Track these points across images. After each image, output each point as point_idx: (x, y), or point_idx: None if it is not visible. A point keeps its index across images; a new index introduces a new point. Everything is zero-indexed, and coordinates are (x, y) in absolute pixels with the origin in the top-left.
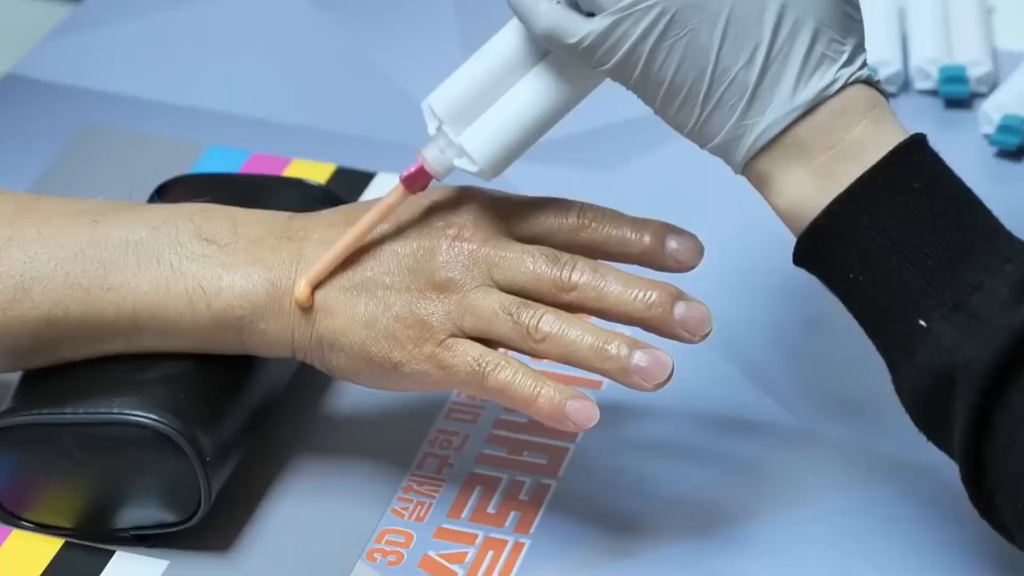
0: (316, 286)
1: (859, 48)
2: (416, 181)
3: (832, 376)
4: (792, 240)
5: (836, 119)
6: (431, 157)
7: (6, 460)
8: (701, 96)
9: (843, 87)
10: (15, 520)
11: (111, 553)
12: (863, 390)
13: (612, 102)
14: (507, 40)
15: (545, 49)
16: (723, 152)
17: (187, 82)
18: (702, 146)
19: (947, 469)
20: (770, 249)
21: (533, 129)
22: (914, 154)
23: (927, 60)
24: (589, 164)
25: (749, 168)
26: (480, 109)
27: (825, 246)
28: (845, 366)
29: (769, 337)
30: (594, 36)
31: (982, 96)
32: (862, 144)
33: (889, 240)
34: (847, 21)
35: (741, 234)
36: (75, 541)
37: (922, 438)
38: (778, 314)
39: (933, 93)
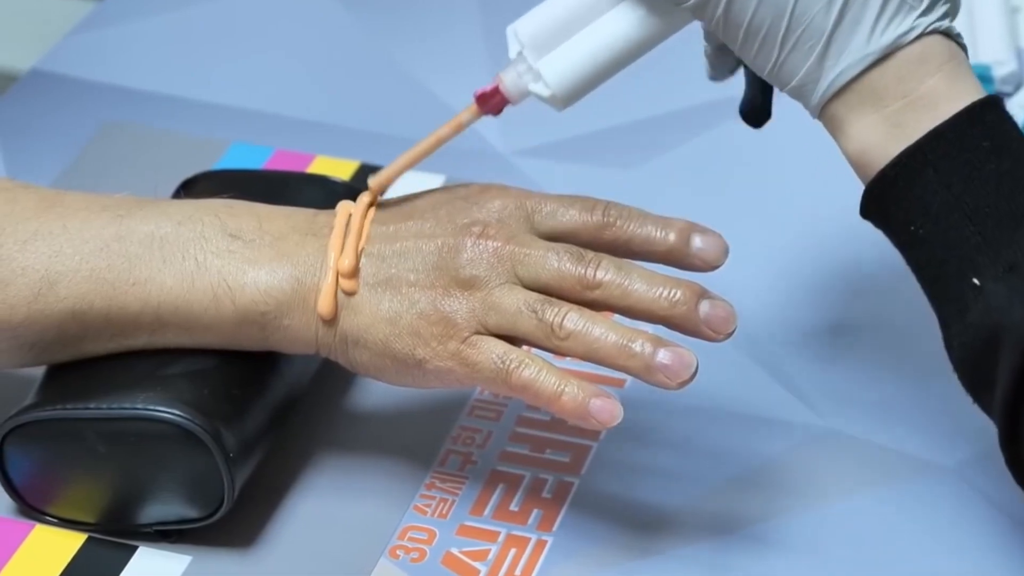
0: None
1: None
2: (490, 100)
3: (856, 375)
4: (823, 235)
5: (912, 68)
6: (508, 79)
7: (30, 455)
8: (779, 37)
9: (920, 36)
10: (39, 515)
11: (134, 548)
12: (887, 390)
13: (635, 100)
14: None
15: None
16: (799, 95)
17: (211, 78)
18: (780, 88)
19: (970, 470)
20: (796, 248)
21: (610, 63)
22: (987, 113)
23: None
24: (613, 162)
25: (824, 112)
26: (562, 39)
27: (890, 196)
28: (869, 365)
29: (793, 336)
30: None
31: (1007, 95)
32: (936, 96)
33: (953, 195)
34: None
35: (766, 232)
36: (98, 536)
37: (945, 438)
38: (803, 313)
39: None
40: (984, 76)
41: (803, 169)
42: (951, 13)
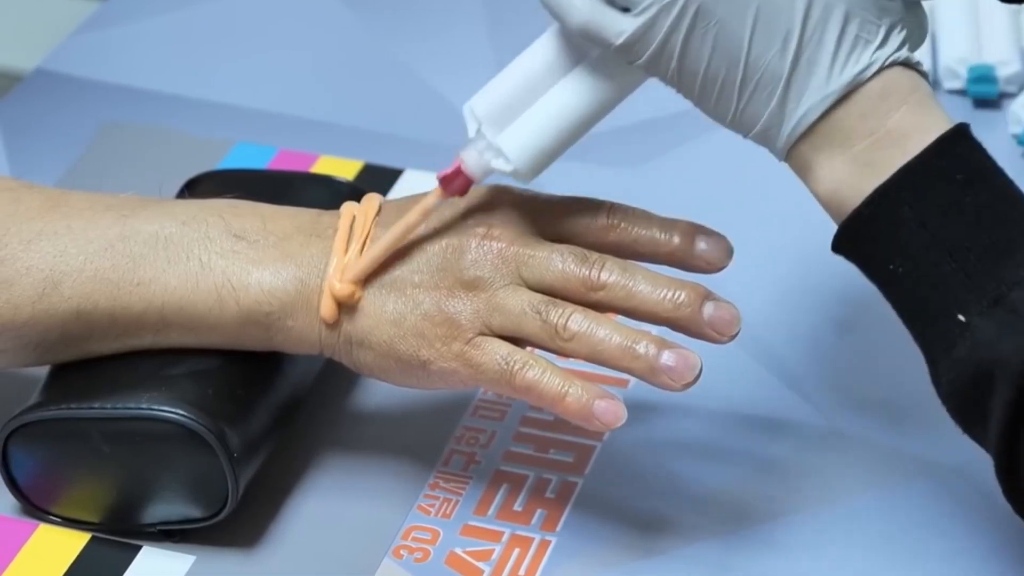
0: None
1: (895, 28)
2: (453, 181)
3: (861, 376)
4: (826, 235)
5: (875, 104)
6: (469, 159)
7: (34, 454)
8: (737, 86)
9: (880, 70)
10: (43, 514)
11: (138, 548)
12: (891, 390)
13: (639, 100)
14: (546, 44)
15: (582, 53)
16: (764, 140)
17: (215, 78)
18: (744, 135)
19: (975, 470)
20: (799, 249)
21: (569, 130)
22: (958, 144)
23: (956, 60)
24: (617, 162)
25: (791, 155)
26: (519, 111)
27: (865, 236)
28: (874, 366)
29: (798, 337)
30: (629, 32)
31: (1011, 96)
32: (903, 131)
33: (930, 233)
34: (881, 0)
35: (770, 234)
36: (102, 536)
37: (950, 438)
38: (807, 314)
39: (962, 93)
40: (988, 76)
41: None
42: (910, 40)
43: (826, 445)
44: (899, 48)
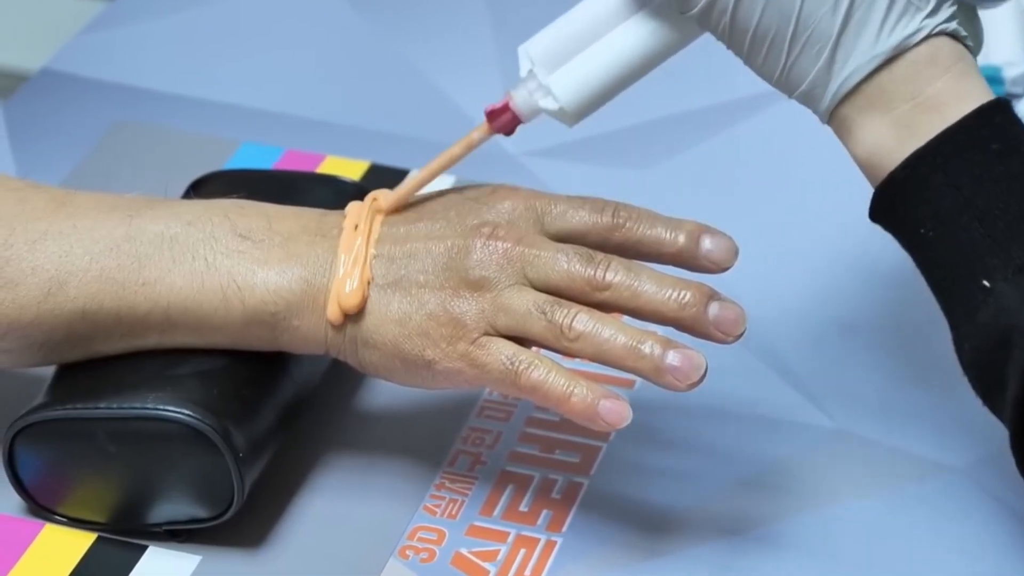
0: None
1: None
2: (499, 117)
3: (866, 377)
4: (831, 236)
5: (919, 70)
6: (518, 96)
7: (40, 454)
8: (786, 43)
9: (927, 37)
10: (49, 514)
11: (144, 548)
12: (897, 391)
13: (645, 101)
14: None
15: (641, 3)
16: (808, 100)
17: (221, 78)
18: (789, 94)
19: (982, 471)
20: (805, 249)
21: (618, 77)
22: (996, 115)
23: None
24: (623, 163)
25: (833, 116)
26: (573, 55)
27: (900, 198)
28: (879, 367)
29: (803, 338)
30: None
31: (1017, 97)
32: (944, 98)
33: (962, 198)
34: None
35: (776, 234)
36: (108, 536)
37: (956, 439)
38: (813, 315)
39: None
40: (995, 78)
41: (813, 171)
42: (958, 18)
43: (832, 446)
44: (948, 20)
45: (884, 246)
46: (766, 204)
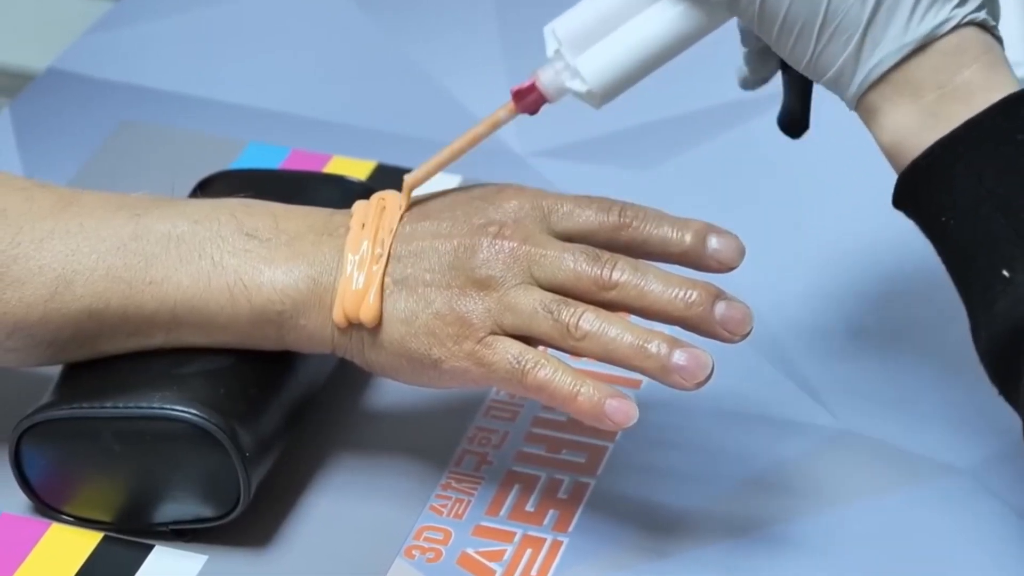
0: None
1: None
2: (525, 97)
3: (873, 377)
4: (838, 236)
5: (948, 59)
6: (545, 76)
7: (46, 454)
8: (816, 29)
9: (956, 27)
10: (55, 514)
11: (150, 547)
12: (903, 391)
13: (651, 101)
14: None
15: None
16: (836, 86)
17: (227, 78)
18: (817, 80)
19: (986, 472)
20: (812, 249)
21: (646, 60)
22: (1022, 107)
23: None
24: (630, 163)
25: (860, 103)
26: (600, 36)
27: (922, 186)
28: (886, 367)
29: (810, 337)
30: None
31: None
32: (971, 87)
33: (985, 188)
34: None
35: (782, 234)
36: (114, 535)
37: (962, 440)
38: (819, 314)
39: None
40: None
41: (820, 170)
42: (986, 7)
43: (838, 446)
44: (978, 9)
45: (890, 246)
46: (772, 204)
